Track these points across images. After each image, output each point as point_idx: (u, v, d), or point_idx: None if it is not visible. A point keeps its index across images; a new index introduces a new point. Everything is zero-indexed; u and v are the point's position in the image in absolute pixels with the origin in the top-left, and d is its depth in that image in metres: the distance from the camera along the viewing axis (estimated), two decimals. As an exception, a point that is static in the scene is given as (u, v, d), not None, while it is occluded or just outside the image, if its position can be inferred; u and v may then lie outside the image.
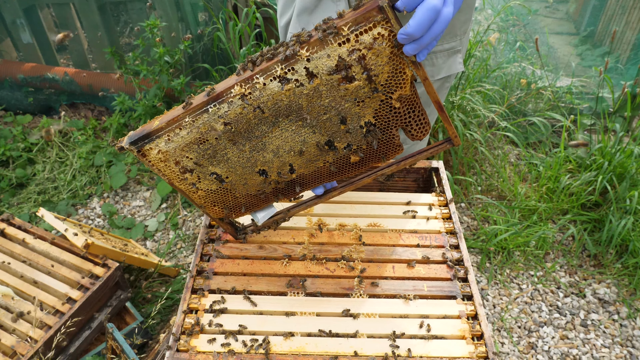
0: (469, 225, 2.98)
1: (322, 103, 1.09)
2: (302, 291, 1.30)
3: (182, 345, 1.17)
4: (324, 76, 1.04)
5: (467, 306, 1.27)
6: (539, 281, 2.68)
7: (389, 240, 1.44)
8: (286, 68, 1.03)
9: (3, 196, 3.08)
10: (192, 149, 1.15)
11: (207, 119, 1.10)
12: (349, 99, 1.09)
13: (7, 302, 1.93)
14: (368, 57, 1.02)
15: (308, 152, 1.18)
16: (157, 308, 1.98)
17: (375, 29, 0.98)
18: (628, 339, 2.43)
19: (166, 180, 1.21)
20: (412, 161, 1.27)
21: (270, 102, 1.07)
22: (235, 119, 1.10)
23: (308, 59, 1.02)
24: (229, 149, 1.16)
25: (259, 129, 1.13)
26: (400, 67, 1.05)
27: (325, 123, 1.13)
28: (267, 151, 1.18)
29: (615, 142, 2.91)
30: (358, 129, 1.15)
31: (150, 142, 1.14)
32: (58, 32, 3.55)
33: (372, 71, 1.04)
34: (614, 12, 4.02)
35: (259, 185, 1.25)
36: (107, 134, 3.49)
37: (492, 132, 3.18)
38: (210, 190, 1.24)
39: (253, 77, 1.05)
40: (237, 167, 1.20)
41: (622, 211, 2.76)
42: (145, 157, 1.16)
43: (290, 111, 1.10)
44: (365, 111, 1.12)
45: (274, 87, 1.05)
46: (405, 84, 1.08)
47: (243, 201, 1.29)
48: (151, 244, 2.87)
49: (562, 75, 3.66)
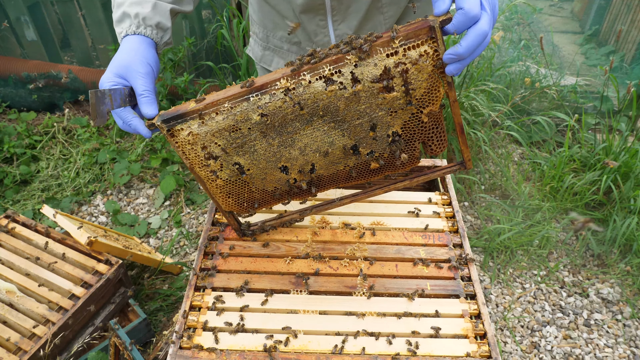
0: (472, 224, 2.97)
1: (359, 108, 1.13)
2: (305, 289, 1.30)
3: (185, 343, 1.17)
4: (367, 83, 1.08)
5: (470, 305, 1.27)
6: (542, 280, 2.68)
7: (392, 239, 1.44)
8: (334, 69, 1.07)
9: (7, 193, 3.09)
10: (222, 136, 1.15)
11: (245, 108, 1.10)
12: (383, 107, 1.14)
13: (11, 299, 1.94)
14: (410, 72, 1.07)
15: (333, 154, 1.21)
16: (159, 305, 1.98)
17: (422, 47, 1.04)
18: (631, 339, 2.43)
19: (187, 164, 1.20)
20: (424, 179, 1.33)
21: (310, 100, 1.10)
22: (273, 111, 1.11)
23: (356, 64, 1.06)
24: (258, 141, 1.17)
25: (292, 125, 1.15)
26: (436, 85, 1.11)
27: (356, 128, 1.17)
28: (294, 148, 1.19)
29: (620, 141, 2.90)
30: (385, 137, 1.19)
31: (182, 123, 1.13)
32: (62, 30, 3.56)
33: (411, 85, 1.10)
34: (619, 10, 4.00)
35: (277, 181, 1.26)
36: (110, 132, 3.50)
37: (495, 131, 3.18)
38: (229, 180, 1.24)
39: (300, 73, 1.07)
40: (261, 160, 1.21)
41: (626, 211, 2.75)
42: (173, 138, 1.15)
43: (327, 112, 1.13)
44: (396, 121, 1.17)
45: (318, 87, 1.08)
46: (437, 101, 1.13)
47: (257, 196, 1.30)
48: (154, 242, 2.87)
49: (567, 74, 3.64)
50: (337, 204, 1.36)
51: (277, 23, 1.53)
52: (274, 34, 1.56)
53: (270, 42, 1.60)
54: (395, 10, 1.43)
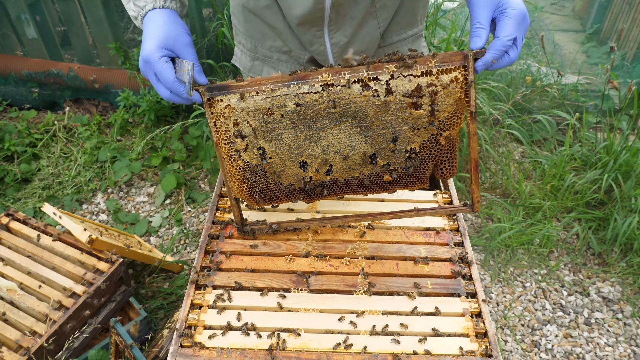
0: (473, 222, 2.97)
1: (385, 118, 1.21)
2: (306, 288, 1.30)
3: (185, 341, 1.17)
4: (399, 96, 1.18)
5: (471, 304, 1.27)
6: (542, 279, 2.67)
7: (393, 238, 1.44)
8: (372, 76, 1.15)
9: (8, 191, 3.09)
10: (256, 117, 1.21)
11: (285, 93, 1.18)
12: (408, 122, 1.22)
13: (12, 297, 1.94)
14: (439, 94, 1.17)
15: (352, 159, 1.27)
16: (160, 303, 1.98)
17: (454, 72, 1.15)
18: (632, 338, 2.43)
19: (215, 138, 1.25)
20: (431, 214, 1.39)
21: (344, 101, 1.18)
22: (308, 104, 1.19)
23: (392, 75, 1.15)
24: (287, 130, 1.23)
25: (321, 122, 1.22)
26: (460, 112, 1.20)
27: (379, 137, 1.24)
28: (318, 145, 1.25)
29: (621, 140, 2.89)
30: (403, 152, 1.27)
31: (224, 95, 1.19)
32: (62, 27, 3.55)
33: (437, 107, 1.19)
34: (621, 9, 3.99)
35: (293, 176, 1.31)
36: (111, 130, 3.50)
37: (496, 130, 3.17)
38: (250, 164, 1.28)
39: (341, 72, 1.15)
40: (284, 150, 1.26)
41: (627, 210, 2.75)
42: (210, 107, 1.21)
43: (356, 115, 1.20)
44: (416, 139, 1.25)
45: (355, 89, 1.17)
46: (457, 127, 1.22)
47: (271, 188, 1.33)
48: (155, 240, 2.87)
49: (568, 73, 3.63)
50: (341, 221, 1.40)
51: (265, 33, 1.50)
52: (263, 44, 1.54)
53: (259, 53, 1.57)
54: (387, 13, 1.43)
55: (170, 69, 1.16)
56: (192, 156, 3.33)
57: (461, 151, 2.96)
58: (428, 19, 2.99)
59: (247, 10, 1.48)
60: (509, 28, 1.10)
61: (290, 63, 1.54)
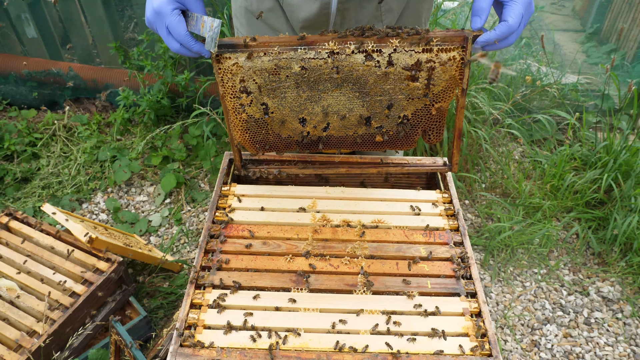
0: (472, 222, 2.97)
1: (384, 87, 1.29)
2: (306, 287, 1.30)
3: (185, 340, 1.17)
4: (399, 68, 1.25)
5: (471, 303, 1.27)
6: (542, 279, 2.68)
7: (393, 237, 1.44)
8: (376, 47, 1.22)
9: (7, 190, 3.09)
10: (262, 75, 1.28)
11: (291, 56, 1.24)
12: (404, 92, 1.30)
13: (12, 296, 1.94)
14: (437, 70, 1.25)
15: (348, 119, 1.37)
16: (160, 303, 1.98)
17: (453, 52, 1.23)
18: (632, 338, 2.43)
19: (221, 92, 1.32)
20: (414, 170, 1.57)
21: (347, 68, 1.25)
22: (313, 67, 1.25)
23: (395, 49, 1.22)
24: (290, 90, 1.30)
25: (324, 85, 1.29)
26: (452, 87, 1.29)
27: (375, 103, 1.33)
28: (318, 105, 1.34)
29: (620, 140, 2.89)
30: (396, 117, 1.37)
31: (232, 52, 1.24)
32: (62, 27, 3.55)
33: (433, 81, 1.28)
34: (621, 9, 3.99)
35: (292, 130, 1.40)
36: (111, 129, 3.50)
37: (496, 129, 3.17)
38: (253, 117, 1.37)
39: (347, 42, 1.22)
40: (286, 107, 1.34)
41: (627, 209, 2.75)
42: (218, 63, 1.26)
43: (357, 82, 1.28)
44: (409, 107, 1.35)
45: (358, 59, 1.23)
46: (448, 100, 1.32)
47: (271, 139, 1.43)
48: (155, 239, 2.87)
49: (568, 73, 3.63)
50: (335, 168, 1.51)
51: None
52: None
53: None
54: (392, 17, 1.43)
55: (183, 22, 1.18)
56: (192, 155, 3.33)
57: (461, 150, 2.96)
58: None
59: (249, 13, 1.47)
60: (515, 13, 1.14)
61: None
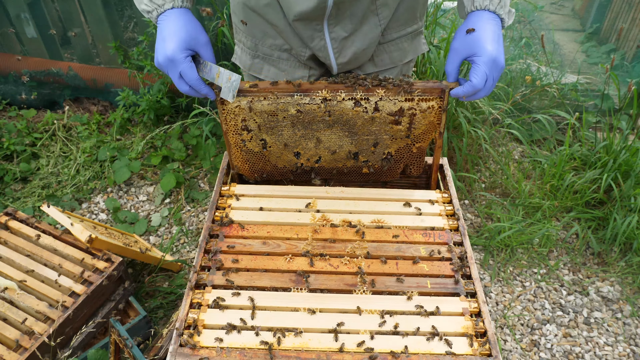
0: (472, 222, 2.97)
1: (371, 128, 1.47)
2: (306, 287, 1.30)
3: (185, 340, 1.17)
4: (384, 113, 1.43)
5: (471, 303, 1.27)
6: (542, 279, 2.68)
7: (392, 237, 1.44)
8: (364, 96, 1.40)
9: (7, 190, 3.09)
10: (262, 116, 1.44)
11: (288, 102, 1.40)
12: (388, 133, 1.48)
13: (11, 296, 1.94)
14: (417, 116, 1.43)
15: (338, 154, 1.54)
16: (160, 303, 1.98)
17: (431, 102, 1.41)
18: (631, 337, 2.43)
19: (224, 129, 1.48)
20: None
21: (338, 112, 1.42)
22: (307, 111, 1.42)
23: (381, 98, 1.40)
24: (287, 128, 1.47)
25: (317, 125, 1.46)
26: (432, 130, 1.48)
27: (363, 141, 1.50)
28: (311, 141, 1.50)
29: (620, 140, 2.89)
30: (380, 154, 1.55)
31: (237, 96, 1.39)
32: (62, 27, 3.55)
33: (414, 125, 1.46)
34: (620, 8, 3.99)
35: (287, 162, 1.57)
36: (110, 129, 3.50)
37: (496, 129, 3.17)
38: (252, 150, 1.54)
39: (339, 90, 1.39)
40: (282, 142, 1.51)
41: (626, 209, 2.75)
42: (223, 105, 1.43)
43: (346, 123, 1.45)
44: (393, 145, 1.53)
45: (348, 105, 1.41)
46: (427, 140, 1.51)
47: (268, 169, 1.60)
48: (154, 239, 2.87)
49: (568, 72, 3.63)
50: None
51: (266, 32, 1.51)
52: (263, 42, 1.54)
53: (259, 51, 1.58)
54: (388, 11, 1.43)
55: (194, 68, 1.29)
56: (192, 155, 3.33)
57: (461, 150, 2.96)
58: (428, 19, 2.98)
59: (247, 8, 1.48)
60: (479, 74, 1.30)
61: (290, 61, 1.54)
